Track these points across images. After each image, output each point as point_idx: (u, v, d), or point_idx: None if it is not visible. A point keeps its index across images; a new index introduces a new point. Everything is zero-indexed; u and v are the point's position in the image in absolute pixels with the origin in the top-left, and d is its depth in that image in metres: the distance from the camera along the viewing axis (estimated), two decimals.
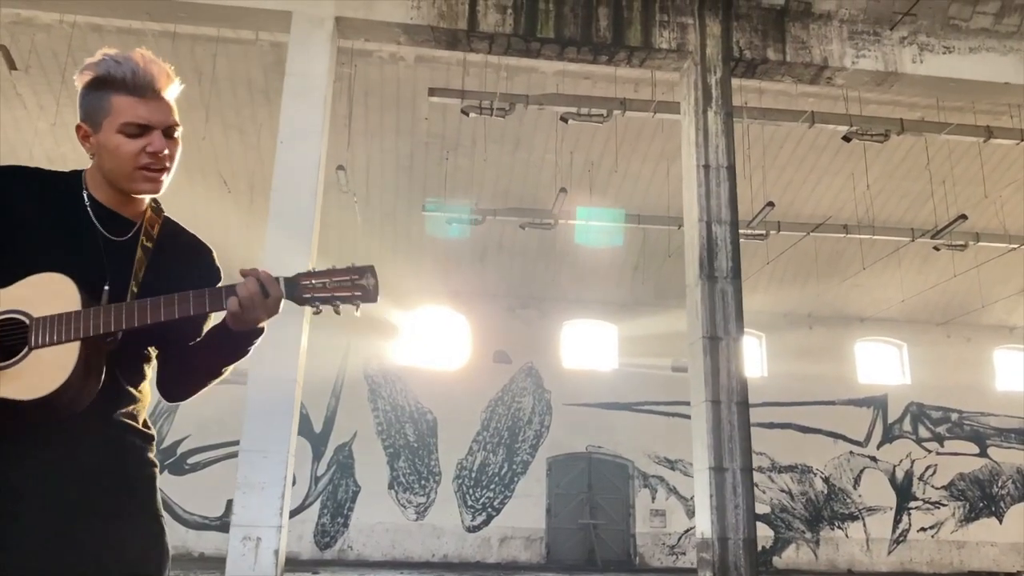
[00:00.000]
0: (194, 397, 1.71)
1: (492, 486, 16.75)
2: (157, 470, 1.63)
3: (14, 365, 1.40)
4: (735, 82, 9.63)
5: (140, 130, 1.55)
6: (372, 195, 14.89)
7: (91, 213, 1.59)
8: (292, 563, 12.51)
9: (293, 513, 15.26)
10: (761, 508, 16.29)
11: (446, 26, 8.96)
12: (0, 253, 1.50)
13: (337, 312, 1.54)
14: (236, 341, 1.57)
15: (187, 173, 13.30)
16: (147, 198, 1.66)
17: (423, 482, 16.60)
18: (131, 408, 1.59)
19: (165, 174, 1.61)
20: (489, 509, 16.59)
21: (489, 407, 17.19)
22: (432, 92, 11.75)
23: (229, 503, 7.62)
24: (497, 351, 17.47)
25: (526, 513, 16.58)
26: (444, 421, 16.89)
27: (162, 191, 1.62)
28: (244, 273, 1.50)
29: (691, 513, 16.29)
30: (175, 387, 1.67)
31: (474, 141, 13.69)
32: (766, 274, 16.37)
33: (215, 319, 1.65)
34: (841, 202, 15.31)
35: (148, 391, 1.66)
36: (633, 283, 17.18)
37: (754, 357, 17.94)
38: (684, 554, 16.63)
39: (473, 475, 16.76)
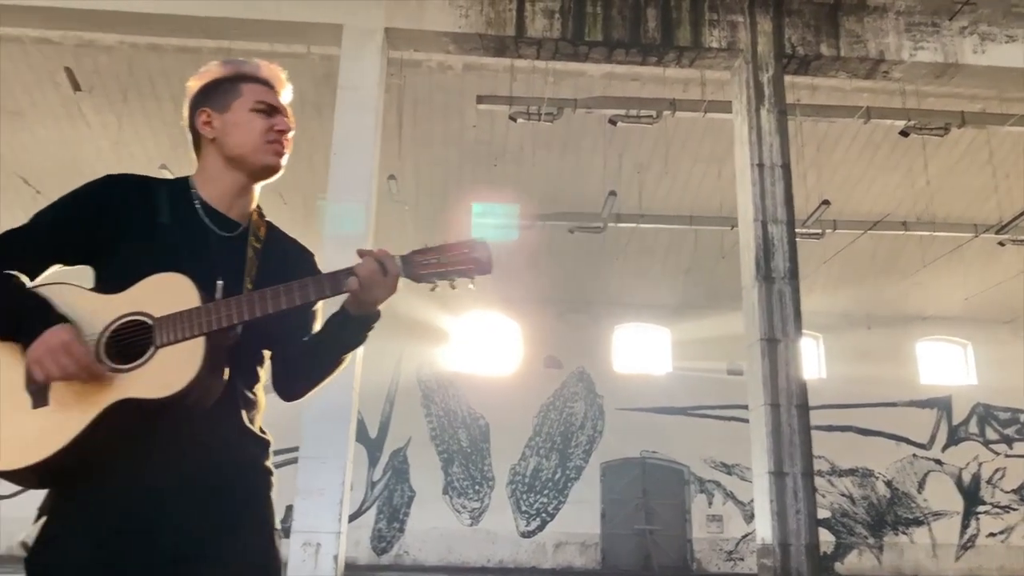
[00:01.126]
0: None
1: (546, 491, 16.71)
2: (274, 478, 1.64)
3: (142, 365, 1.41)
4: (788, 79, 9.45)
5: (271, 109, 1.68)
6: (423, 204, 15.01)
7: (201, 213, 1.63)
8: (350, 568, 12.66)
9: (350, 518, 15.43)
10: (822, 513, 15.92)
11: (494, 33, 8.99)
12: (114, 257, 1.54)
13: (452, 287, 1.55)
14: (356, 326, 1.59)
15: None
16: (254, 201, 1.71)
17: (477, 487, 16.64)
18: (250, 413, 1.60)
19: (286, 155, 1.71)
20: (543, 514, 16.55)
21: (541, 412, 17.16)
22: (480, 99, 11.80)
23: (289, 509, 7.74)
24: (548, 356, 17.45)
25: (580, 518, 16.50)
26: (496, 426, 16.92)
27: (280, 173, 1.71)
28: (361, 253, 1.52)
29: (749, 518, 16.02)
30: (294, 384, 1.68)
31: (522, 147, 13.71)
32: (823, 274, 16.03)
33: (321, 317, 1.69)
34: (899, 199, 14.92)
35: (263, 396, 1.67)
36: (685, 285, 16.98)
37: (812, 359, 17.57)
38: (742, 559, 16.35)
39: (526, 480, 16.75)
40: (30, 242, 1.55)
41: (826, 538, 16.25)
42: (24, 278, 1.53)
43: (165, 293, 1.45)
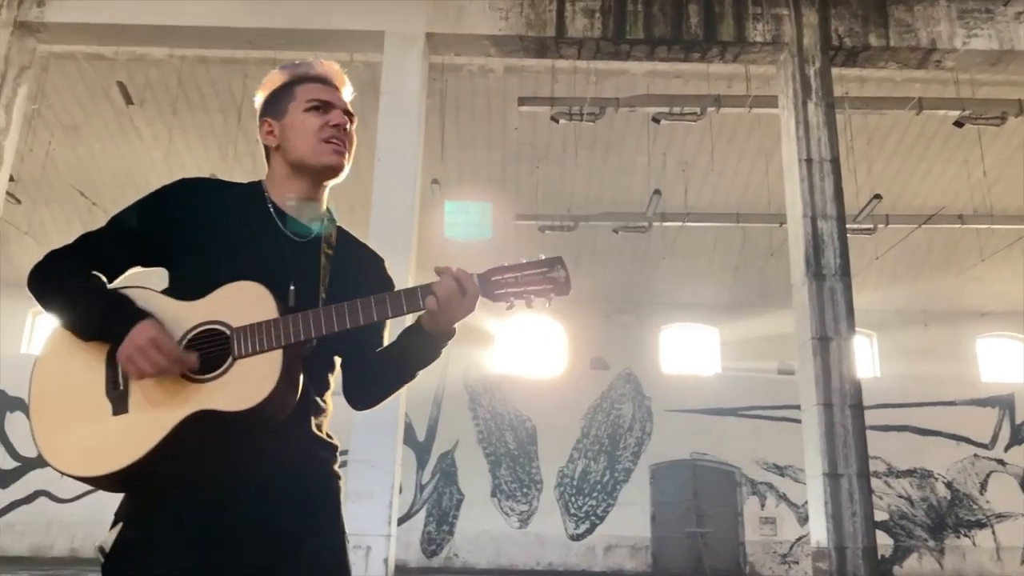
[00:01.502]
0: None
1: (594, 494, 16.62)
2: (342, 482, 1.63)
3: (220, 376, 1.41)
4: (835, 71, 9.26)
5: (324, 105, 1.65)
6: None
7: (274, 216, 1.62)
8: (401, 571, 12.76)
9: (400, 521, 15.55)
10: (879, 515, 15.53)
11: (534, 34, 8.99)
12: (189, 259, 1.55)
13: (530, 306, 1.51)
14: (431, 343, 1.58)
15: None
16: (324, 204, 1.71)
17: (525, 490, 16.62)
18: (318, 419, 1.60)
19: (347, 152, 1.67)
20: (592, 517, 16.46)
21: (588, 414, 17.08)
22: (522, 101, 11.80)
23: None
24: (594, 358, 17.35)
25: (630, 521, 16.36)
26: (543, 429, 16.88)
27: (344, 172, 1.68)
28: (439, 271, 1.50)
29: (803, 520, 15.71)
30: (366, 394, 1.68)
31: (564, 148, 13.66)
32: (875, 270, 15.65)
33: (390, 325, 1.67)
34: (955, 191, 14.49)
35: (331, 402, 1.67)
36: (734, 284, 16.74)
37: (866, 357, 17.16)
38: (797, 563, 16.03)
39: (575, 483, 16.67)
40: (108, 244, 1.57)
41: (884, 541, 15.84)
42: (104, 279, 1.55)
43: (243, 302, 1.45)
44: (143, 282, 1.53)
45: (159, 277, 1.61)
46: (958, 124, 11.67)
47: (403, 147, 8.47)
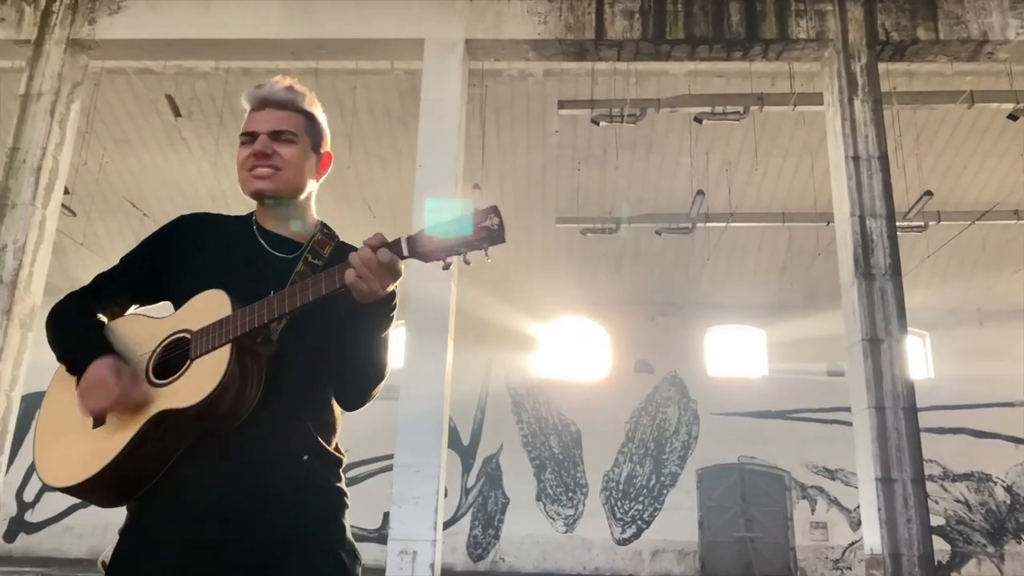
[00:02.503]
0: (351, 413, 1.74)
1: (640, 498, 16.47)
2: (343, 497, 1.63)
3: (179, 378, 1.48)
4: (882, 67, 9.05)
5: (250, 138, 1.69)
6: (506, 212, 14.94)
7: (259, 237, 1.70)
8: (447, 574, 12.79)
9: (446, 525, 15.57)
10: (935, 520, 15.12)
11: (573, 37, 8.96)
12: (181, 290, 1.62)
13: (466, 262, 1.47)
14: (370, 313, 1.55)
15: (334, 201, 13.98)
16: (310, 220, 1.75)
17: (570, 494, 16.55)
18: (312, 431, 1.61)
19: (275, 171, 1.66)
20: (639, 522, 16.32)
21: (633, 418, 16.94)
22: (562, 104, 11.78)
23: (386, 515, 7.86)
24: (638, 361, 17.21)
25: (677, 526, 16.17)
26: (588, 432, 16.79)
27: (276, 187, 1.67)
28: (366, 242, 1.50)
29: (855, 525, 15.36)
30: (344, 393, 1.69)
31: (605, 150, 13.59)
32: (927, 268, 15.25)
33: None
34: (1009, 186, 14.06)
35: (336, 415, 1.69)
36: (780, 285, 16.46)
37: (919, 358, 16.72)
38: (850, 568, 15.68)
39: (620, 487, 16.55)
40: (115, 282, 1.71)
41: (940, 547, 15.40)
42: (104, 318, 1.67)
43: (204, 308, 1.53)
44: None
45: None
46: (1012, 117, 11.31)
47: (443, 153, 8.51)
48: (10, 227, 8.49)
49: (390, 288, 1.50)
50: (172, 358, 1.52)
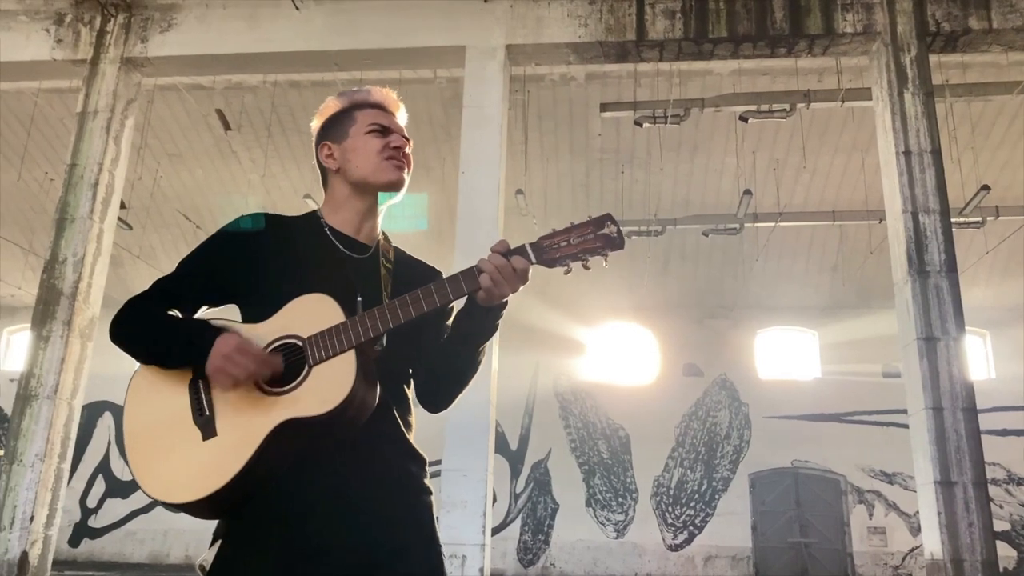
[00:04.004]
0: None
1: (692, 503, 16.27)
2: (432, 497, 1.65)
3: (300, 386, 1.46)
4: (933, 59, 8.81)
5: (384, 129, 1.75)
6: (551, 216, 15.06)
7: (332, 238, 1.70)
8: None
9: (495, 531, 15.62)
10: (999, 525, 14.61)
11: (614, 39, 8.92)
12: (255, 294, 1.61)
13: (586, 267, 1.52)
14: (488, 317, 1.60)
15: None
16: (379, 224, 1.77)
17: (620, 499, 16.43)
18: (403, 432, 1.63)
19: (407, 170, 1.77)
20: (691, 527, 16.12)
21: (683, 422, 16.75)
22: (604, 107, 11.73)
23: (436, 520, 7.88)
24: (687, 364, 17.02)
25: (730, 531, 15.93)
26: (637, 437, 16.66)
27: (404, 188, 1.76)
28: (493, 249, 1.54)
29: (915, 530, 14.94)
30: (437, 392, 1.72)
31: (649, 152, 13.50)
32: (986, 265, 14.78)
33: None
34: None
35: (414, 416, 1.70)
36: (832, 285, 16.12)
37: (979, 357, 16.21)
38: (910, 575, 15.25)
39: (671, 492, 16.37)
40: (177, 289, 1.66)
41: (1006, 553, 14.88)
42: (179, 314, 1.64)
43: (310, 313, 1.51)
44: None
45: (232, 315, 1.67)
46: None
47: (486, 159, 8.55)
48: (69, 240, 8.78)
49: (516, 293, 1.55)
50: (285, 363, 1.48)
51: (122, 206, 10.40)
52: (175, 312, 1.63)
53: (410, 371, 1.69)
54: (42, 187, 14.47)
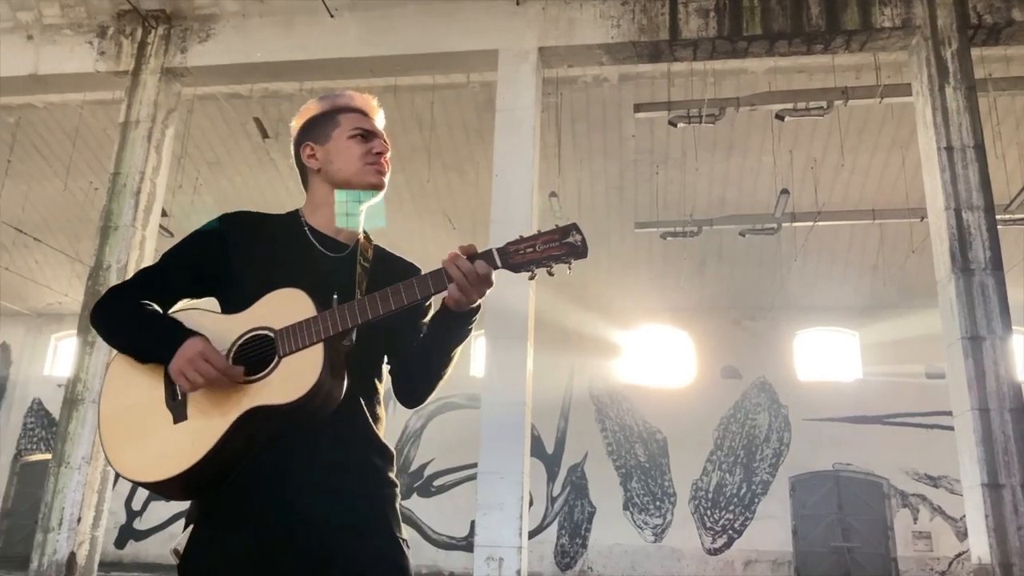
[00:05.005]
0: (435, 422, 1.81)
1: (731, 507, 16.08)
2: (397, 489, 1.70)
3: (268, 375, 1.52)
4: (975, 52, 8.63)
5: (367, 134, 1.80)
6: (584, 219, 15.02)
7: (311, 237, 1.75)
8: None
9: (533, 534, 15.60)
10: None
11: (647, 39, 8.89)
12: (233, 288, 1.67)
13: (550, 273, 1.58)
14: (454, 322, 1.65)
15: (416, 215, 14.24)
16: (360, 223, 1.81)
17: (658, 503, 16.31)
18: (371, 424, 1.68)
19: (387, 174, 1.81)
20: (730, 531, 15.93)
21: (721, 425, 16.57)
22: (638, 108, 11.67)
23: (473, 524, 7.92)
24: (725, 366, 16.84)
25: (770, 535, 15.71)
26: (675, 440, 16.52)
27: (385, 185, 1.80)
28: (461, 250, 1.58)
29: (962, 535, 14.59)
30: (412, 389, 1.77)
31: (684, 152, 13.40)
32: None
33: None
34: None
35: (384, 411, 1.74)
36: (873, 284, 15.83)
37: None
38: None
39: (710, 496, 16.20)
40: (159, 279, 1.73)
41: None
42: (156, 307, 1.70)
43: (284, 307, 1.56)
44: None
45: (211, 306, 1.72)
46: None
47: (519, 162, 8.56)
48: (113, 248, 8.99)
49: (482, 297, 1.60)
50: (254, 354, 1.55)
51: (163, 214, 10.61)
52: (153, 305, 1.68)
53: (383, 366, 1.75)
54: (87, 196, 14.82)
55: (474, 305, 1.61)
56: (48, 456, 9.09)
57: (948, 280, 7.84)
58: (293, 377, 1.49)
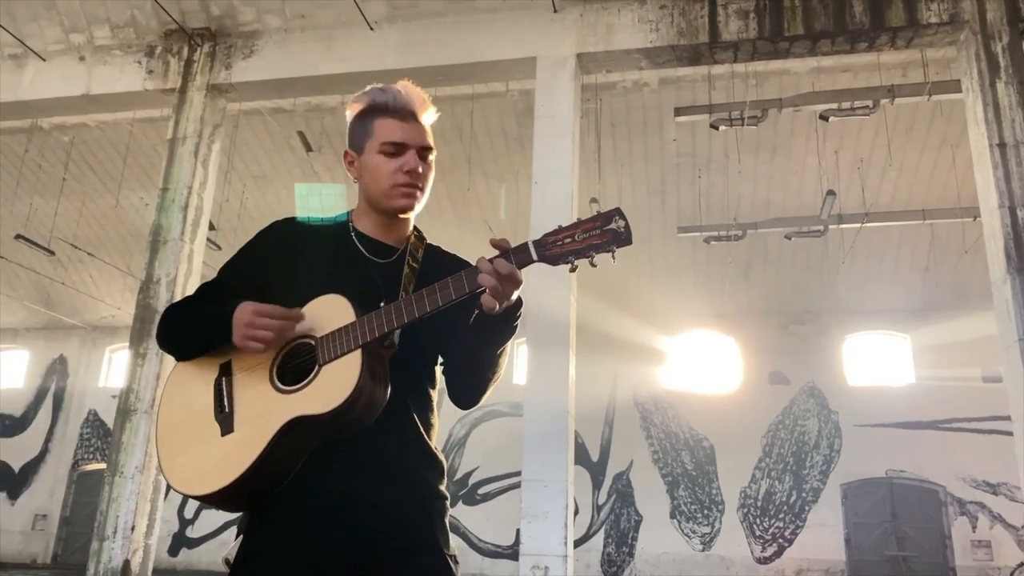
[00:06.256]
0: (479, 429, 1.78)
1: (781, 515, 15.79)
2: (447, 502, 1.66)
3: (309, 384, 1.51)
4: None
5: (397, 149, 1.67)
6: None
7: (357, 243, 1.72)
8: None
9: (578, 542, 15.50)
10: None
11: (687, 42, 8.81)
12: (285, 296, 1.65)
13: (593, 264, 1.47)
14: (492, 322, 1.55)
15: (457, 223, 14.32)
16: (410, 225, 1.77)
17: (706, 511, 16.08)
18: (421, 433, 1.64)
19: (419, 193, 1.70)
20: (780, 540, 15.63)
21: (770, 432, 16.29)
22: (678, 112, 11.58)
23: (518, 532, 7.90)
24: (772, 372, 16.57)
25: (822, 544, 15.37)
26: (722, 447, 16.29)
27: (417, 209, 1.72)
28: (493, 244, 1.50)
29: None
30: (464, 391, 1.70)
31: (727, 155, 13.25)
32: None
33: None
34: None
35: (437, 418, 1.71)
36: (924, 286, 15.44)
37: None
38: None
39: (759, 504, 15.93)
40: (216, 291, 1.74)
41: None
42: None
43: (325, 314, 1.55)
44: None
45: None
46: None
47: (559, 169, 8.54)
48: (163, 262, 9.20)
49: (514, 296, 1.51)
50: (298, 363, 1.54)
51: (211, 227, 10.82)
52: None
53: (435, 369, 1.70)
54: (138, 212, 15.21)
55: (503, 306, 1.49)
56: (103, 465, 9.32)
57: (1003, 280, 7.60)
58: (332, 385, 1.47)
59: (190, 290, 9.31)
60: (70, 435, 19.16)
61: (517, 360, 15.58)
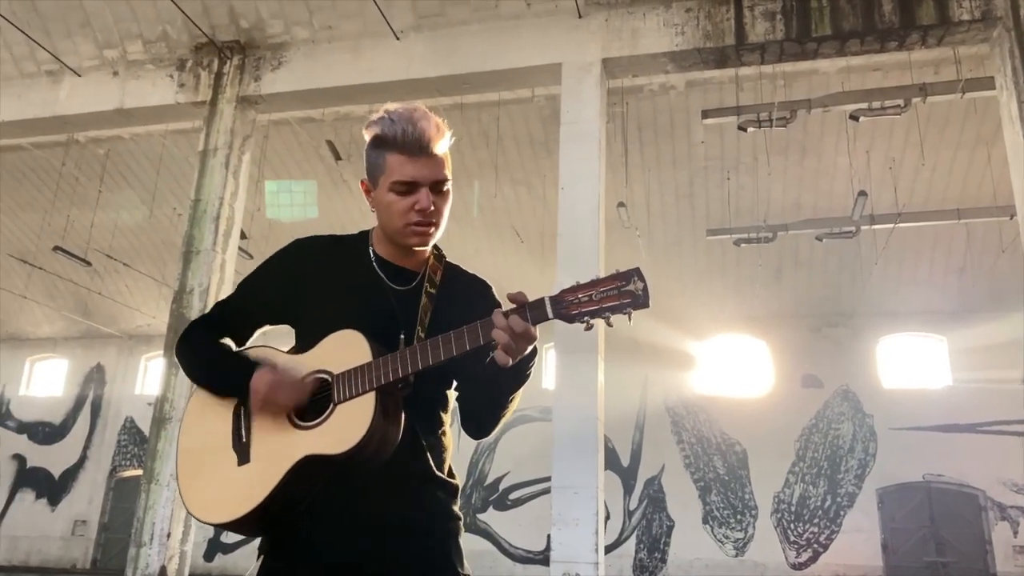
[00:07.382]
0: (509, 435, 1.78)
1: (816, 520, 15.58)
2: (461, 523, 1.68)
3: (324, 422, 1.53)
4: None
5: (408, 188, 1.63)
6: (654, 228, 14.87)
7: (377, 269, 1.71)
8: None
9: (610, 548, 15.43)
10: None
11: (713, 45, 8.76)
12: (305, 318, 1.69)
13: (609, 324, 1.46)
14: (505, 374, 1.55)
15: (484, 229, 14.35)
16: (428, 249, 1.75)
17: (739, 516, 15.92)
18: (432, 458, 1.65)
19: (433, 228, 1.67)
20: (815, 545, 15.42)
21: (803, 435, 16.09)
22: (706, 114, 11.51)
23: (549, 537, 7.88)
24: (805, 375, 16.37)
25: (858, 549, 15.14)
26: (754, 452, 16.12)
27: (432, 243, 1.71)
28: (510, 298, 1.49)
29: None
30: (475, 424, 1.71)
31: (755, 156, 13.14)
32: None
33: None
34: None
35: (450, 438, 1.72)
36: (960, 287, 15.16)
37: None
38: None
39: (793, 509, 15.73)
40: (234, 311, 1.78)
41: None
42: (232, 343, 1.74)
43: (343, 350, 1.56)
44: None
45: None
46: None
47: (585, 174, 8.53)
48: (196, 271, 9.33)
49: (528, 350, 1.50)
50: (315, 398, 1.57)
51: (242, 236, 10.96)
52: (228, 340, 1.73)
53: (448, 394, 1.71)
54: (171, 223, 15.46)
55: (517, 361, 1.48)
56: (140, 472, 9.47)
57: None
58: (345, 427, 1.49)
59: None
60: (108, 442, 19.51)
61: (546, 365, 15.55)
